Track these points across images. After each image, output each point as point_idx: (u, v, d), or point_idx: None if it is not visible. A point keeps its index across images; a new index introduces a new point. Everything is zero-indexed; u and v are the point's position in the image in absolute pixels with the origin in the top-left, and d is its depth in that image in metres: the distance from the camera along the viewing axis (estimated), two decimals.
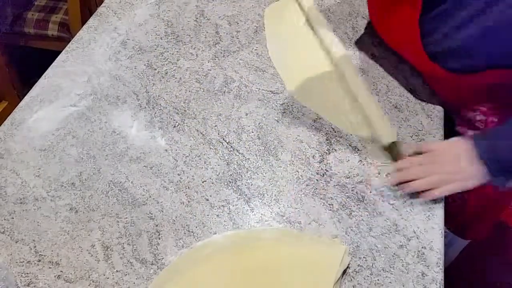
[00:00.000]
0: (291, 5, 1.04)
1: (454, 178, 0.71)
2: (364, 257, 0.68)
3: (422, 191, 0.72)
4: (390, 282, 0.65)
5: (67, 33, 1.71)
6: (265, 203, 0.74)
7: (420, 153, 0.76)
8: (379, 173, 0.77)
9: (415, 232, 0.70)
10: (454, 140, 0.75)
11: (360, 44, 0.97)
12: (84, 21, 1.56)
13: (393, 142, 0.78)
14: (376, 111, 0.82)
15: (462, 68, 0.76)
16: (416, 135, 0.81)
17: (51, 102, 0.87)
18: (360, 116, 0.83)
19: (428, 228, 0.70)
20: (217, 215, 0.72)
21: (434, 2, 0.75)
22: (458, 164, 0.71)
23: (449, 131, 0.84)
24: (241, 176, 0.77)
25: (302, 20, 1.00)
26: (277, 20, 1.02)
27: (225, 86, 0.90)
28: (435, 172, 0.72)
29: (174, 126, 0.84)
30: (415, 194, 0.73)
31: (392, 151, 0.78)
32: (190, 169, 0.78)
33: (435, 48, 0.78)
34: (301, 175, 0.77)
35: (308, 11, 1.00)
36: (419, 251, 0.68)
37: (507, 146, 0.69)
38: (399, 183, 0.74)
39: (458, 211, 0.97)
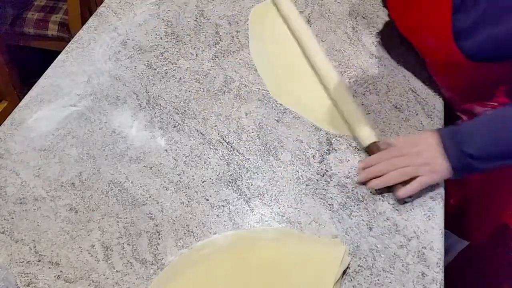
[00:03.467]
0: (274, 8, 1.03)
1: (422, 170, 0.71)
2: (364, 257, 0.68)
3: (392, 186, 0.73)
4: (390, 282, 0.65)
5: (67, 33, 1.71)
6: (265, 203, 0.74)
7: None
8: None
9: (415, 232, 0.70)
10: (421, 133, 0.75)
11: (360, 44, 0.97)
12: (84, 21, 1.56)
13: (373, 143, 0.77)
14: (355, 112, 0.82)
15: (487, 57, 0.73)
16: None
17: (51, 102, 0.87)
18: (340, 116, 0.84)
19: (428, 228, 0.70)
20: (217, 215, 0.72)
21: None
22: (425, 156, 0.71)
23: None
24: (241, 176, 0.77)
25: (284, 25, 1.00)
26: (260, 22, 1.01)
27: (225, 86, 0.90)
28: (401, 164, 0.72)
29: (174, 126, 0.84)
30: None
31: (373, 151, 0.77)
32: (190, 169, 0.78)
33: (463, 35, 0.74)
34: (301, 175, 0.77)
35: (288, 19, 0.99)
36: (419, 251, 0.68)
37: (474, 145, 0.68)
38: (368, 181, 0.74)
39: (459, 212, 0.97)
